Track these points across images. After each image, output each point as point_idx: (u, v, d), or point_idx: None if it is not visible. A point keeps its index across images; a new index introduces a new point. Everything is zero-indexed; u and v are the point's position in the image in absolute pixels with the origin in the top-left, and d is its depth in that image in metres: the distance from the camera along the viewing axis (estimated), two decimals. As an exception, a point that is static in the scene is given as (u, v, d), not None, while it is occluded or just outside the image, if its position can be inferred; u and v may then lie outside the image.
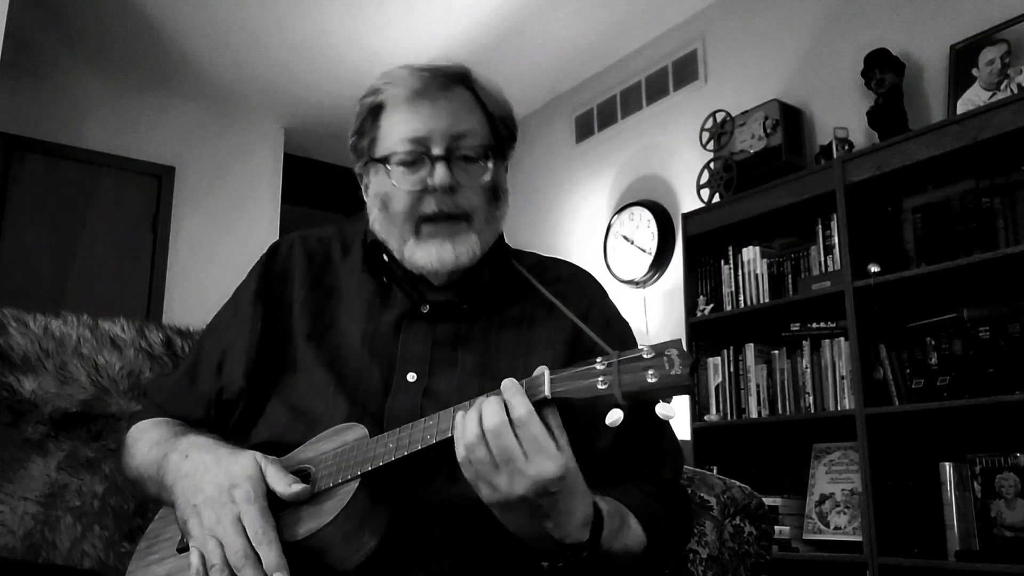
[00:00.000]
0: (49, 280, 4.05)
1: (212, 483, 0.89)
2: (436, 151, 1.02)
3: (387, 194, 1.05)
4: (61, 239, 4.14)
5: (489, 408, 0.79)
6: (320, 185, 5.19)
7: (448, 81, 1.05)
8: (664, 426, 1.05)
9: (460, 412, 0.82)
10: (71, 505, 1.18)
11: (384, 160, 1.04)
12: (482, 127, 1.06)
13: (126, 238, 4.35)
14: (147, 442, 1.04)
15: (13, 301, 1.44)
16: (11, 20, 2.96)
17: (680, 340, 0.77)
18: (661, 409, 0.75)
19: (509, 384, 0.80)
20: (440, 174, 1.01)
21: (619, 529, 0.88)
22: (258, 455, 0.91)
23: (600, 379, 0.77)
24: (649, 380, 0.74)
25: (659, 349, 0.76)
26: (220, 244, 4.50)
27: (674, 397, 0.76)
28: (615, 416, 0.76)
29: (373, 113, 1.07)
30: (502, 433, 0.77)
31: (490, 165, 1.05)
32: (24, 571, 1.08)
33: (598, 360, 0.78)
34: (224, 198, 4.66)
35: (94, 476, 1.21)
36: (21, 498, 1.17)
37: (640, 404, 1.01)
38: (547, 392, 0.79)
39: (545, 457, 0.77)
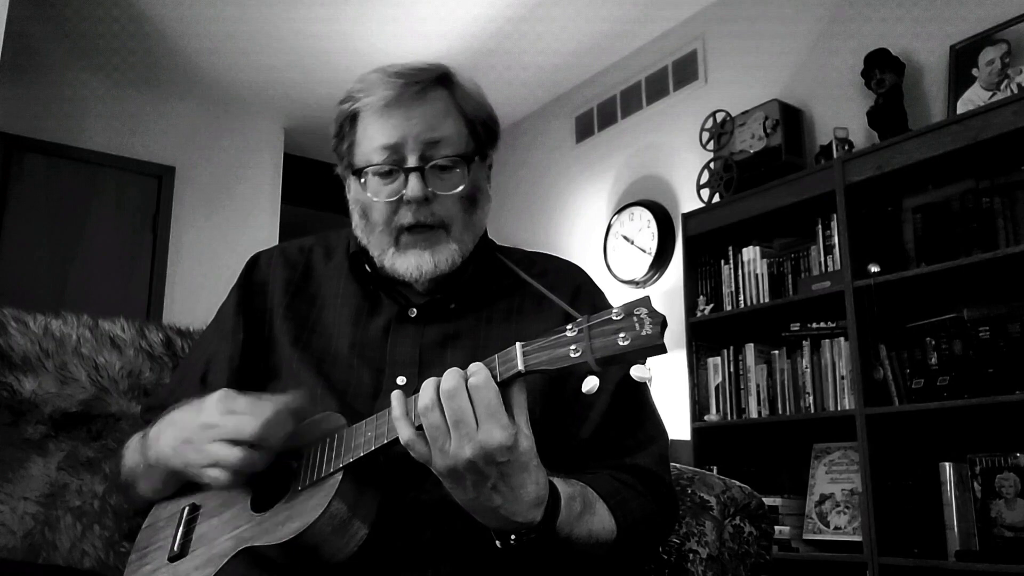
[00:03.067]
0: (49, 280, 4.05)
1: (188, 413, 0.95)
2: (411, 161, 1.01)
3: (366, 204, 1.06)
4: (61, 239, 4.14)
5: (448, 374, 0.79)
6: (320, 185, 5.17)
7: (423, 86, 1.04)
8: (644, 413, 1.05)
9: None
10: (71, 505, 1.18)
11: (361, 171, 1.04)
12: (459, 132, 1.04)
13: (126, 238, 4.35)
14: (134, 441, 1.06)
15: (13, 301, 1.43)
16: (11, 20, 2.96)
17: (648, 297, 0.74)
18: (636, 371, 0.74)
19: (454, 369, 0.80)
20: (413, 186, 1.00)
21: (581, 514, 0.87)
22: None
23: (572, 347, 0.75)
24: (621, 343, 0.73)
25: (628, 309, 0.74)
26: (220, 244, 4.50)
27: (649, 359, 0.74)
28: (591, 383, 0.75)
29: (351, 119, 1.07)
30: (456, 395, 0.77)
31: (466, 173, 1.03)
32: (24, 572, 1.08)
33: (568, 327, 0.76)
34: (224, 198, 4.66)
35: (94, 476, 1.22)
36: (21, 498, 1.17)
37: (623, 391, 1.00)
38: (520, 366, 0.78)
39: (496, 425, 0.77)
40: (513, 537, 0.82)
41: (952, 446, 2.46)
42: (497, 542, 0.83)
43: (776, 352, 2.97)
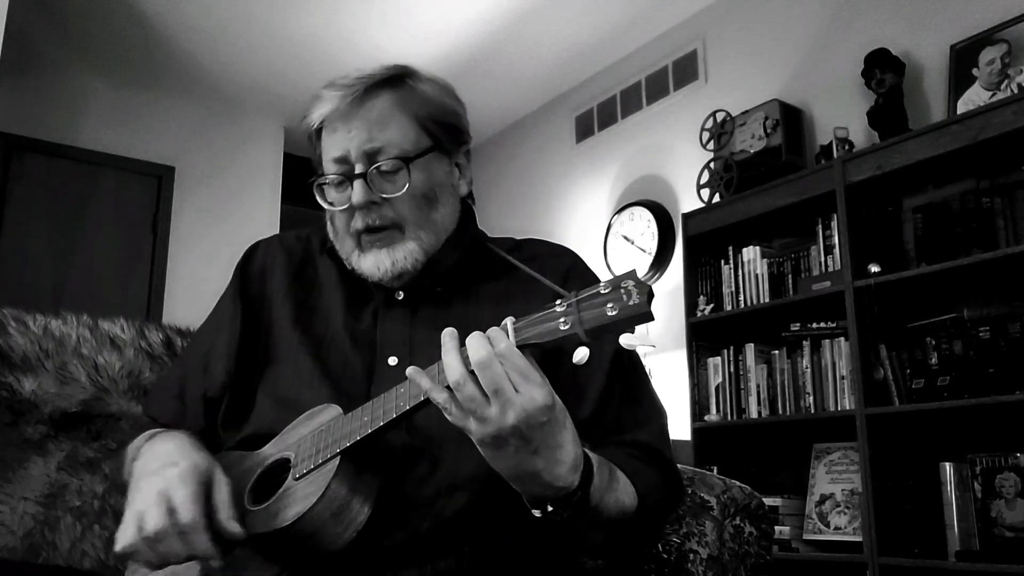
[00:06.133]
0: (49, 280, 4.05)
1: (160, 460, 0.93)
2: (357, 169, 1.04)
3: (329, 213, 1.10)
4: (61, 239, 4.14)
5: (474, 344, 0.79)
6: (320, 185, 5.19)
7: (362, 93, 1.06)
8: (641, 391, 1.07)
9: (435, 365, 0.83)
10: (71, 505, 1.19)
11: (319, 184, 1.08)
12: (403, 133, 1.05)
13: (126, 238, 4.35)
14: (132, 449, 1.05)
15: (13, 301, 1.44)
16: (11, 20, 2.96)
17: (635, 271, 0.77)
18: (625, 339, 0.76)
19: (477, 334, 0.80)
20: (357, 193, 1.03)
21: (609, 482, 0.88)
22: (219, 468, 0.93)
23: (562, 320, 0.77)
24: (609, 314, 0.75)
25: (615, 282, 0.76)
26: (220, 244, 4.49)
27: (637, 328, 0.76)
28: (581, 354, 0.77)
29: (315, 133, 1.10)
30: (491, 364, 0.77)
31: (410, 174, 1.04)
32: (24, 572, 1.08)
33: (558, 303, 0.78)
34: (224, 198, 4.67)
35: (94, 476, 1.22)
36: (21, 498, 1.17)
37: (617, 370, 1.02)
38: (512, 341, 0.80)
39: (533, 385, 0.78)
40: (551, 506, 0.83)
41: (952, 446, 2.46)
42: (536, 512, 0.84)
43: (776, 352, 2.97)
